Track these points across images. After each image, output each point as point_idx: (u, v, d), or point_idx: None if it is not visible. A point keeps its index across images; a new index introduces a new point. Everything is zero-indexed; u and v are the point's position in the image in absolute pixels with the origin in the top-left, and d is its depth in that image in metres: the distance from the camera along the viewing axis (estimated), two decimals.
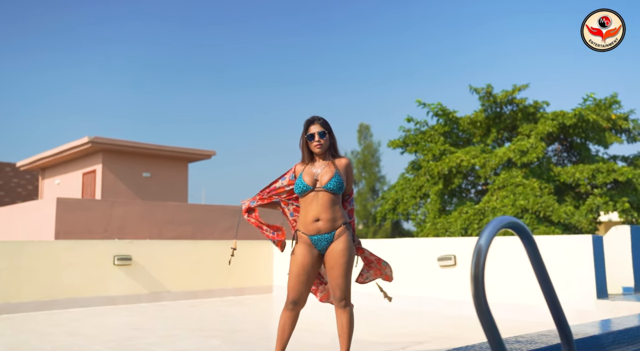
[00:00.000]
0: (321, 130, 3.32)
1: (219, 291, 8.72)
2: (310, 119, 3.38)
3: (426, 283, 7.00)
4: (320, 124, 3.34)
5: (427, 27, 45.74)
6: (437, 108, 15.23)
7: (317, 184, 3.28)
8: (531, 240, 1.64)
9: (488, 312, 1.45)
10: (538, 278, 1.73)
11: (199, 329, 5.56)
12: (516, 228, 1.58)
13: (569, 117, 13.83)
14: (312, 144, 3.33)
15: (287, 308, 3.33)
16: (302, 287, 3.31)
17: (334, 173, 3.29)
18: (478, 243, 1.45)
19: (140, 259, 8.01)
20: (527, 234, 1.62)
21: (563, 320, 1.77)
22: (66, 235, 11.71)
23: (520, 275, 5.88)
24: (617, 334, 2.99)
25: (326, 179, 3.28)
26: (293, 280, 3.31)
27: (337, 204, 3.33)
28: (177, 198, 16.85)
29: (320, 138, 3.32)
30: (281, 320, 3.34)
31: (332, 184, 3.26)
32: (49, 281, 7.24)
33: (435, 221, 14.61)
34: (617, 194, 13.50)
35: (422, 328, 5.48)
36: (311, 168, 3.35)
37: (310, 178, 3.30)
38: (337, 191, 3.28)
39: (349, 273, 3.33)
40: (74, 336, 5.18)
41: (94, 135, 15.09)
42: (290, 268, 3.34)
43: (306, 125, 3.36)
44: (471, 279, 1.43)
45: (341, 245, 3.29)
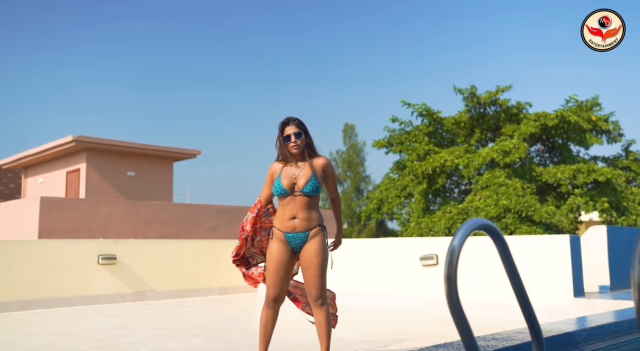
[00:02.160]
0: (297, 131, 3.35)
1: (204, 291, 8.75)
2: (285, 121, 3.41)
3: (409, 282, 7.09)
4: (295, 125, 3.37)
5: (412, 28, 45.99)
6: (421, 108, 15.37)
7: (295, 187, 3.34)
8: (502, 241, 1.71)
9: (460, 310, 1.53)
10: (509, 278, 1.81)
11: (184, 328, 5.60)
12: (488, 230, 1.65)
13: (551, 118, 14.04)
14: (289, 146, 3.35)
15: (268, 305, 3.38)
16: (282, 283, 3.36)
17: (310, 177, 3.33)
18: (451, 244, 1.53)
19: (124, 258, 8.01)
20: (499, 235, 1.70)
21: (533, 317, 1.85)
22: (50, 234, 11.65)
23: (501, 274, 5.99)
24: (590, 331, 3.10)
25: (302, 182, 3.32)
26: (272, 277, 3.35)
27: (313, 206, 3.39)
28: (162, 197, 16.81)
29: (296, 139, 3.35)
30: (262, 318, 3.39)
31: (308, 188, 3.32)
32: (32, 280, 7.22)
33: (419, 220, 14.74)
34: (597, 194, 13.74)
35: (404, 327, 5.57)
36: (289, 170, 3.38)
37: (288, 182, 3.34)
38: (313, 194, 3.35)
39: (324, 272, 3.37)
40: (58, 335, 5.19)
41: (78, 133, 15.00)
42: (268, 266, 3.38)
43: (281, 127, 3.39)
44: (444, 278, 1.51)
45: (315, 245, 3.34)
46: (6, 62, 41.33)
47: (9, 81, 43.39)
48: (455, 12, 43.64)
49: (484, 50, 43.83)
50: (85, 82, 44.40)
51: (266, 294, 3.39)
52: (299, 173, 3.36)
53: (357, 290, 7.70)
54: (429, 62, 46.67)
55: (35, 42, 41.69)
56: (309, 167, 3.38)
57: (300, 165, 3.39)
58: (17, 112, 44.41)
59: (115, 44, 43.02)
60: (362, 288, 7.63)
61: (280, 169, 3.42)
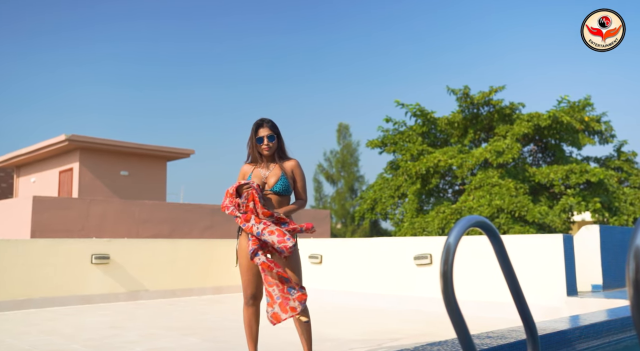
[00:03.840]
0: (270, 134, 3.41)
1: (197, 290, 8.73)
2: (259, 122, 3.45)
3: (404, 282, 7.11)
4: (269, 127, 3.42)
5: (406, 28, 46.06)
6: (415, 108, 15.41)
7: (265, 186, 3.38)
8: (498, 238, 1.72)
9: (456, 307, 1.53)
10: (505, 275, 1.82)
11: (177, 327, 5.58)
12: (484, 227, 1.66)
13: (544, 119, 14.11)
14: (261, 147, 3.41)
15: (248, 304, 3.39)
16: (257, 279, 3.37)
17: (280, 176, 3.39)
18: (447, 241, 1.53)
19: (118, 258, 7.98)
20: (494, 233, 1.71)
21: (528, 315, 1.86)
22: (42, 234, 11.59)
23: (495, 273, 6.02)
24: (584, 329, 3.12)
25: (272, 181, 3.38)
26: (246, 274, 3.37)
27: (283, 205, 3.41)
28: (155, 196, 16.76)
29: (269, 142, 3.40)
30: (245, 317, 3.41)
31: (277, 187, 3.37)
32: (25, 280, 7.18)
33: (412, 220, 14.77)
34: (590, 194, 13.82)
35: (398, 326, 5.58)
36: (259, 171, 3.43)
37: (259, 181, 3.39)
38: (283, 193, 3.39)
39: (299, 270, 3.35)
40: (51, 335, 5.17)
41: (71, 133, 14.93)
42: (240, 263, 3.38)
43: (255, 128, 3.43)
44: (440, 276, 1.51)
45: None
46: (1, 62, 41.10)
47: (3, 81, 43.14)
48: (450, 13, 43.77)
49: (477, 51, 43.97)
50: (79, 82, 44.22)
51: (243, 293, 3.41)
52: (269, 173, 3.42)
53: (351, 290, 7.71)
54: (423, 62, 46.77)
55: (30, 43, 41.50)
56: (279, 168, 3.44)
57: (270, 167, 3.44)
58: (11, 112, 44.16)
59: (109, 44, 42.86)
60: (357, 288, 7.64)
61: (251, 170, 3.47)
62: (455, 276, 6.34)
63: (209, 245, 9.10)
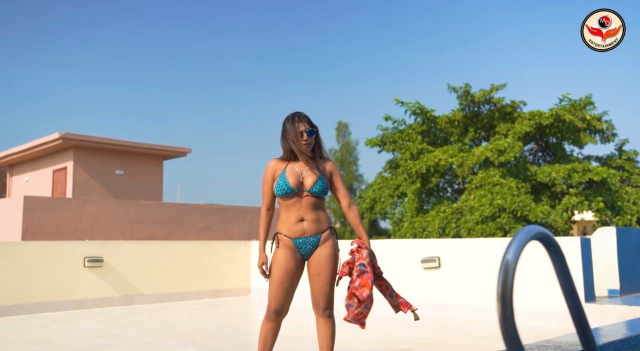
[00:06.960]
0: (310, 129, 3.10)
1: (195, 294, 8.44)
2: (298, 115, 3.12)
3: (409, 286, 6.84)
4: (308, 122, 3.11)
5: (406, 26, 45.88)
6: (415, 107, 15.15)
7: (302, 187, 3.08)
8: (560, 254, 1.46)
9: (516, 336, 1.27)
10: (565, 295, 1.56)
11: (174, 336, 5.30)
12: (545, 240, 1.40)
13: (546, 117, 13.89)
14: (301, 143, 3.07)
15: (269, 318, 3.08)
16: (285, 295, 3.07)
17: (319, 176, 3.09)
18: (505, 258, 1.27)
19: (111, 260, 7.69)
20: (556, 247, 1.45)
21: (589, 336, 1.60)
22: (34, 235, 11.27)
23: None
24: None
25: (311, 182, 3.07)
26: (275, 287, 3.06)
27: (321, 207, 3.14)
28: (151, 196, 16.45)
29: (309, 137, 3.09)
30: (262, 331, 3.10)
31: (317, 188, 3.07)
32: (14, 284, 6.88)
33: (412, 220, 14.53)
34: (592, 194, 13.60)
35: (407, 333, 5.31)
36: (294, 168, 3.11)
37: (295, 180, 3.07)
38: (321, 194, 3.10)
39: (334, 281, 3.15)
40: (39, 345, 4.88)
41: (65, 131, 14.60)
42: (272, 275, 3.08)
43: (293, 121, 3.10)
44: (498, 299, 1.25)
45: (328, 251, 3.12)
46: None
47: None
48: (450, 11, 43.62)
49: (478, 49, 43.85)
50: (74, 81, 43.84)
51: (267, 306, 3.08)
52: (305, 172, 3.10)
53: None
54: (423, 60, 46.65)
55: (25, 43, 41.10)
56: (316, 167, 3.14)
57: (307, 165, 3.13)
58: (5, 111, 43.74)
59: (104, 44, 42.50)
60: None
61: (284, 167, 3.13)
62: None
63: (207, 247, 8.80)
